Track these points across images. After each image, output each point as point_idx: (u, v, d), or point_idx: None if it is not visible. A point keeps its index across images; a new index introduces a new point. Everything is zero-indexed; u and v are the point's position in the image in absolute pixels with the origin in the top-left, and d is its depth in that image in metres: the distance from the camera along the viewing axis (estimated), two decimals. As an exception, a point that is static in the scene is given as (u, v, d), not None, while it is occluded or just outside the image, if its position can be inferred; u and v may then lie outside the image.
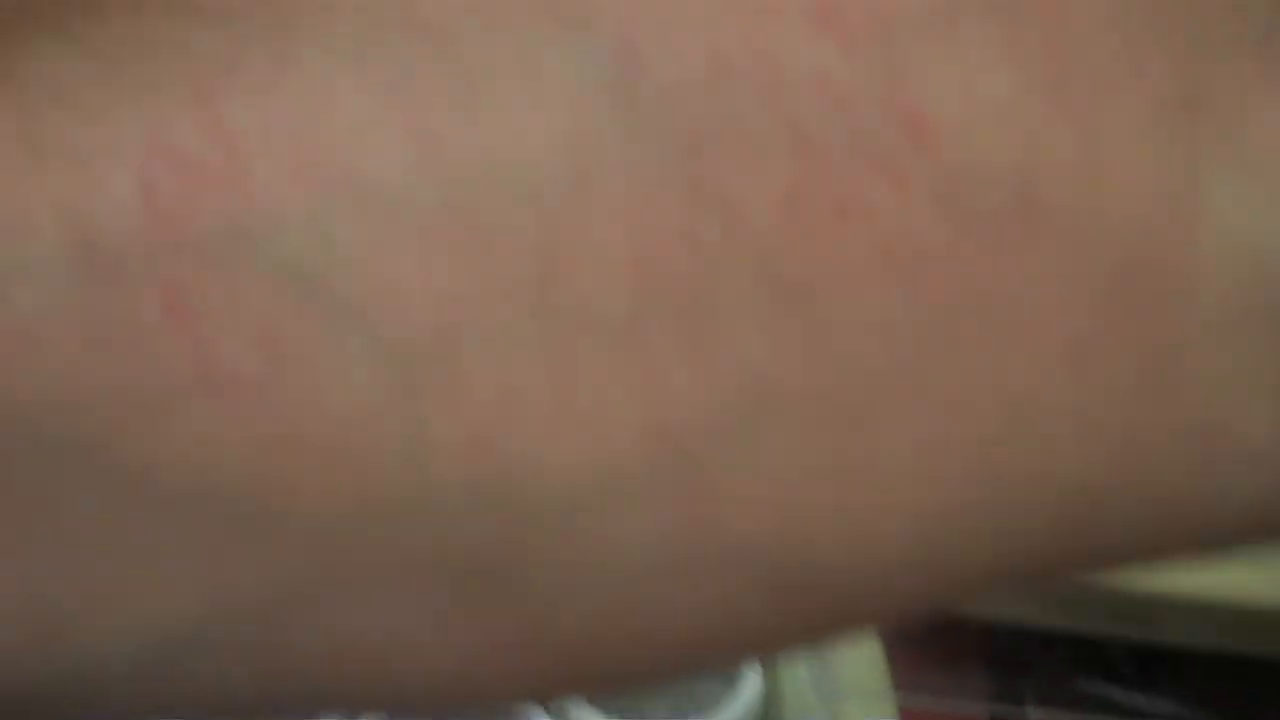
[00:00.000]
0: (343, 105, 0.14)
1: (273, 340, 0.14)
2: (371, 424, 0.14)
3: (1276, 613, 0.62)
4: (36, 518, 0.14)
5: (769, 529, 0.15)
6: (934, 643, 0.66)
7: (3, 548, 0.14)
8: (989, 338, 0.15)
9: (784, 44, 0.14)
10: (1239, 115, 0.15)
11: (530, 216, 0.14)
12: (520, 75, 0.14)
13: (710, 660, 0.17)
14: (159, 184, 0.13)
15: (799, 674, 0.62)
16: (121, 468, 0.14)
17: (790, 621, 0.16)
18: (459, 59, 0.14)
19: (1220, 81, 0.15)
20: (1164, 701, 0.65)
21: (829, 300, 0.14)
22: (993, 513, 0.15)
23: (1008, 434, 0.15)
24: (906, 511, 0.15)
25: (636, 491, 0.15)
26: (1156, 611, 0.62)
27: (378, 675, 0.15)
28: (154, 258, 0.14)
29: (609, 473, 0.15)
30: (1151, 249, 0.15)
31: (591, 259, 0.14)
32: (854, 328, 0.15)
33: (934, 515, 0.15)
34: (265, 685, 0.15)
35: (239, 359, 0.14)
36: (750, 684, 0.62)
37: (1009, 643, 0.66)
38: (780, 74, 0.14)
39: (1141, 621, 0.63)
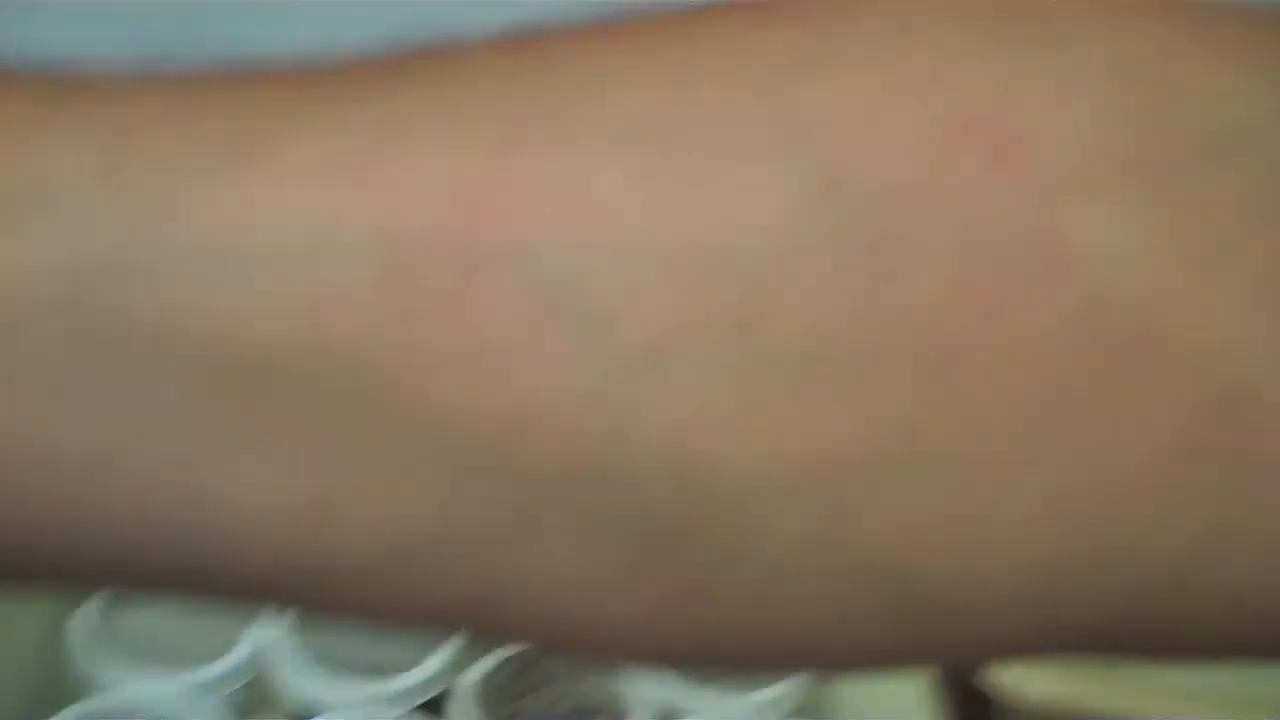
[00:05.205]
0: (608, 172, 0.18)
1: (526, 330, 0.18)
2: (594, 405, 0.18)
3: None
4: (322, 436, 0.18)
5: (897, 553, 0.18)
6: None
7: (296, 453, 0.18)
8: (1098, 428, 0.18)
9: (963, 175, 0.18)
10: None
11: (739, 276, 0.18)
12: (745, 172, 0.18)
13: (829, 662, 0.20)
14: (454, 204, 0.18)
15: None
16: (397, 407, 0.18)
17: (903, 640, 0.19)
18: (699, 153, 0.18)
19: None
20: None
21: (972, 377, 0.18)
22: (1080, 577, 0.19)
23: (1099, 512, 0.18)
24: (1013, 560, 0.19)
25: (795, 494, 0.18)
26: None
27: (564, 614, 0.19)
28: (444, 254, 0.18)
29: (777, 474, 0.18)
30: (1251, 384, 0.18)
31: (782, 316, 0.18)
32: (990, 402, 0.18)
33: (1034, 567, 0.19)
34: (469, 606, 0.19)
35: (499, 338, 0.18)
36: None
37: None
38: (958, 199, 0.18)
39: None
